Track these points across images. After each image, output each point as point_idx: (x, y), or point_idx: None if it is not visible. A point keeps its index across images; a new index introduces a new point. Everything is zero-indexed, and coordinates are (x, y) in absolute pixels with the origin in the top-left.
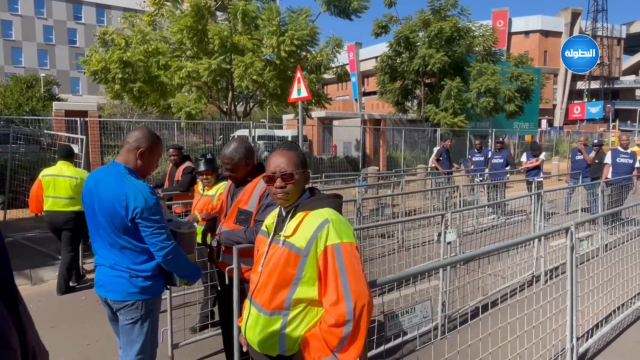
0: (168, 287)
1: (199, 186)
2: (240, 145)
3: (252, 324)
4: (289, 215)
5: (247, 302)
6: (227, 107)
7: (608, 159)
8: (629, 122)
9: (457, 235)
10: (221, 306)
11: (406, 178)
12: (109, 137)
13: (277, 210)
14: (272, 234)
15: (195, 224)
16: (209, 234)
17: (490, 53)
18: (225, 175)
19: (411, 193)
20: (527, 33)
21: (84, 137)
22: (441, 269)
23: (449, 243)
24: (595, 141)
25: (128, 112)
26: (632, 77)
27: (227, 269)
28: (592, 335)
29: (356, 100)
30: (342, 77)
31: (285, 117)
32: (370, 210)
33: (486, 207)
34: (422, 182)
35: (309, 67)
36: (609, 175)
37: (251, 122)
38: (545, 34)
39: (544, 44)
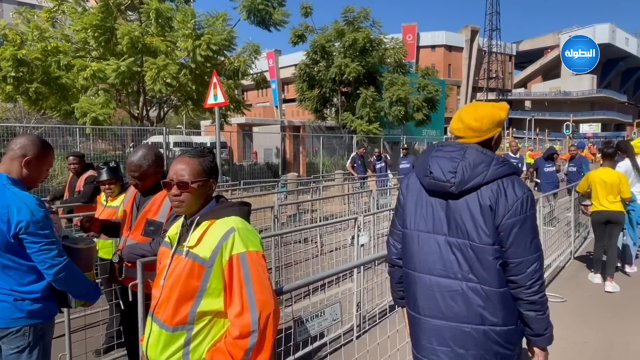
0: (62, 309)
1: (102, 197)
2: (148, 152)
3: (153, 342)
4: (194, 225)
5: (148, 319)
6: (138, 111)
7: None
8: (522, 130)
9: (370, 238)
10: (126, 325)
11: (324, 183)
12: (1, 145)
13: (181, 220)
14: (175, 245)
15: (94, 239)
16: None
17: (400, 64)
18: (131, 184)
19: (327, 198)
20: (433, 47)
21: None
22: (355, 271)
23: (362, 245)
24: None
25: (24, 117)
26: (522, 89)
27: (130, 284)
28: None
29: (276, 107)
30: (261, 83)
31: (203, 123)
32: (288, 216)
33: (391, 210)
34: (340, 187)
35: (226, 73)
36: None
37: (165, 128)
38: (449, 48)
39: (448, 58)
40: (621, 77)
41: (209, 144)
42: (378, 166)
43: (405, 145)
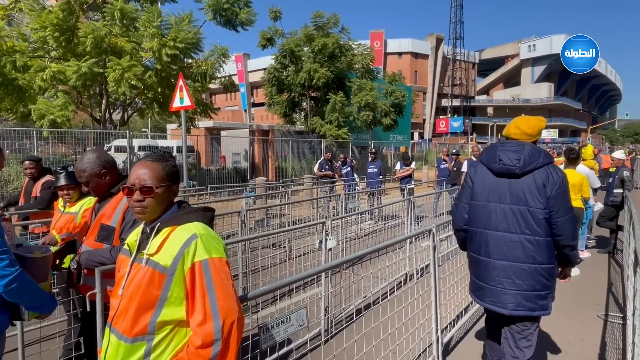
0: (14, 322)
1: (60, 203)
2: (93, 156)
3: (111, 354)
4: (154, 232)
5: (106, 330)
6: (100, 114)
7: (465, 167)
8: (485, 135)
9: (337, 242)
10: (85, 336)
11: (293, 188)
12: None
13: (141, 226)
14: (134, 253)
15: (51, 247)
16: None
17: (368, 70)
18: (99, 174)
19: (295, 203)
20: (400, 54)
21: None
22: (323, 275)
23: (330, 249)
24: (453, 151)
25: None
26: (485, 96)
27: (88, 293)
28: (454, 326)
29: (245, 110)
30: (229, 87)
31: (169, 126)
32: (256, 221)
33: (359, 214)
34: (309, 191)
35: (193, 76)
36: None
37: (129, 132)
38: (415, 55)
39: (414, 65)
40: (576, 85)
41: (175, 148)
42: (344, 171)
43: (373, 150)
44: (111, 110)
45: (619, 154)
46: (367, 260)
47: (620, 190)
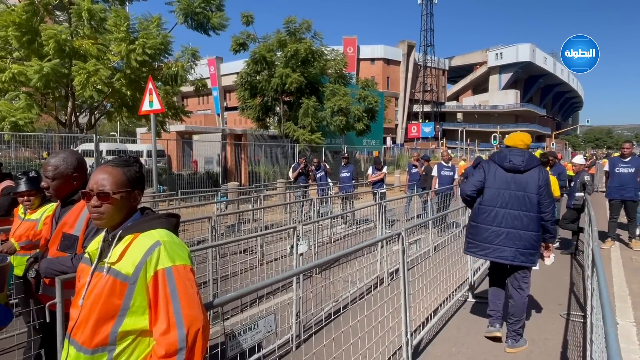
0: None
1: (20, 209)
2: (70, 156)
3: None
4: (116, 240)
5: (65, 342)
6: (66, 117)
7: (435, 171)
8: (455, 140)
9: (309, 247)
10: (46, 348)
11: (266, 193)
12: None
13: (103, 234)
14: (95, 262)
15: (8, 256)
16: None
17: (341, 75)
18: (43, 187)
19: (266, 207)
20: (372, 60)
21: None
22: (294, 279)
23: (301, 254)
24: (423, 156)
25: None
26: (454, 102)
27: (48, 303)
28: (423, 328)
29: (218, 114)
30: (201, 90)
31: (139, 130)
32: (227, 226)
33: (331, 218)
34: (282, 196)
35: (163, 78)
36: (436, 186)
37: (95, 135)
38: (387, 62)
39: (386, 71)
40: (541, 92)
41: (145, 152)
42: (318, 175)
43: (346, 155)
44: (77, 114)
45: (578, 159)
46: (339, 264)
47: (582, 194)
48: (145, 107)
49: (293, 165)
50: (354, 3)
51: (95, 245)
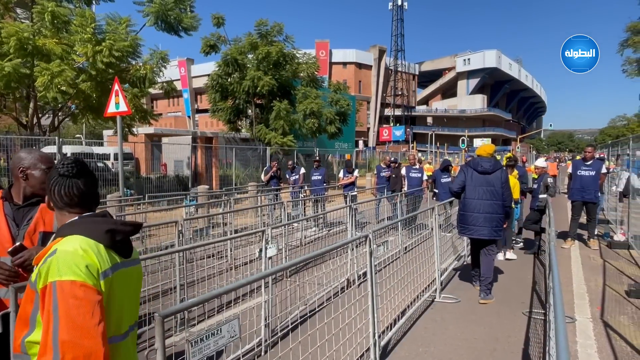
0: None
1: None
2: (33, 153)
3: None
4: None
5: None
6: (27, 119)
7: (403, 172)
8: (425, 144)
9: (278, 250)
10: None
11: (236, 196)
12: None
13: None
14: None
15: None
16: None
17: (313, 79)
18: (17, 175)
19: (236, 211)
20: (344, 64)
21: None
22: (262, 283)
23: (270, 258)
24: (392, 159)
25: None
26: (424, 106)
27: (1, 313)
28: (391, 328)
29: (189, 117)
30: (170, 92)
31: (105, 132)
32: (195, 230)
33: (300, 221)
34: (253, 199)
35: (131, 80)
36: (405, 188)
37: (58, 138)
38: (359, 66)
39: (358, 75)
40: (507, 97)
41: (112, 155)
42: (292, 178)
43: (317, 158)
44: (40, 115)
45: (540, 162)
46: (309, 267)
47: (545, 196)
48: (111, 109)
49: (265, 168)
50: (326, 7)
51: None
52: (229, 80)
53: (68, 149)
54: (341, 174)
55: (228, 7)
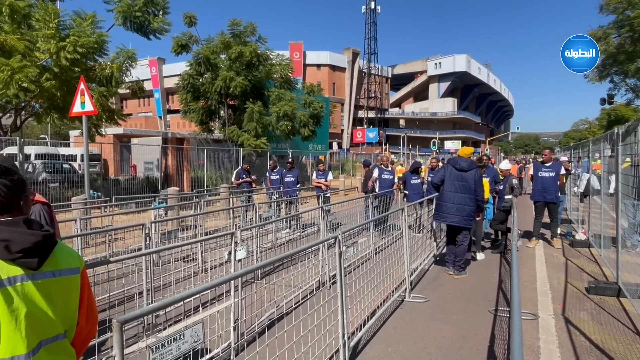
0: None
1: None
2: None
3: None
4: None
5: None
6: None
7: (375, 173)
8: (398, 145)
9: (248, 253)
10: None
11: (207, 198)
12: None
13: None
14: None
15: None
16: None
17: (287, 80)
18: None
19: (206, 213)
20: (319, 66)
21: None
22: (232, 286)
23: (240, 261)
24: (364, 160)
25: None
26: (397, 109)
27: None
28: (361, 329)
29: (160, 117)
30: (138, 92)
31: (72, 133)
32: (162, 233)
33: (272, 223)
34: (225, 201)
35: (98, 79)
36: (377, 189)
37: (19, 138)
38: (333, 68)
39: (332, 77)
40: (476, 101)
41: (79, 156)
42: (274, 177)
43: (291, 159)
44: (0, 114)
45: (505, 164)
46: (280, 269)
47: (510, 197)
48: (76, 108)
49: (237, 170)
50: (300, 9)
51: None
52: (200, 80)
53: (32, 150)
54: (314, 175)
55: (200, 7)
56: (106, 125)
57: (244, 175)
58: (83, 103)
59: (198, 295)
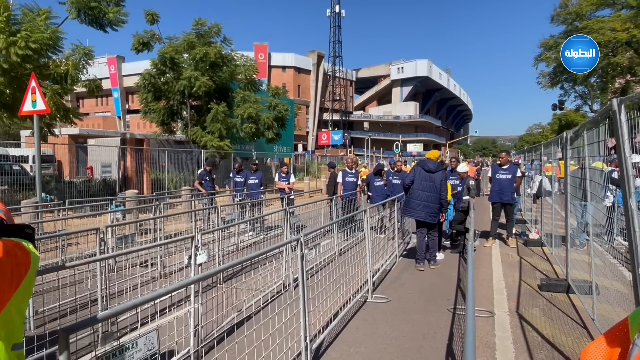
0: None
1: None
2: None
3: None
4: None
5: None
6: None
7: (340, 178)
8: (362, 148)
9: (209, 257)
10: None
11: (168, 201)
12: None
13: None
14: None
15: None
16: None
17: (251, 82)
18: None
19: (166, 216)
20: (284, 68)
21: None
22: (192, 292)
23: (200, 265)
24: (329, 163)
25: None
26: (361, 112)
27: None
28: (324, 331)
29: (119, 117)
30: (94, 91)
31: (23, 132)
32: (119, 238)
33: (234, 225)
34: (187, 204)
35: (52, 77)
36: (341, 191)
37: None
38: (298, 70)
39: (297, 79)
40: (437, 105)
41: (31, 157)
42: (238, 179)
43: (255, 162)
44: None
45: (462, 167)
46: (243, 273)
47: (467, 197)
48: (27, 107)
49: (199, 172)
50: (264, 10)
51: None
52: (162, 79)
53: None
54: (277, 177)
55: (163, 5)
56: (61, 125)
57: (206, 178)
58: (34, 101)
59: (156, 301)
